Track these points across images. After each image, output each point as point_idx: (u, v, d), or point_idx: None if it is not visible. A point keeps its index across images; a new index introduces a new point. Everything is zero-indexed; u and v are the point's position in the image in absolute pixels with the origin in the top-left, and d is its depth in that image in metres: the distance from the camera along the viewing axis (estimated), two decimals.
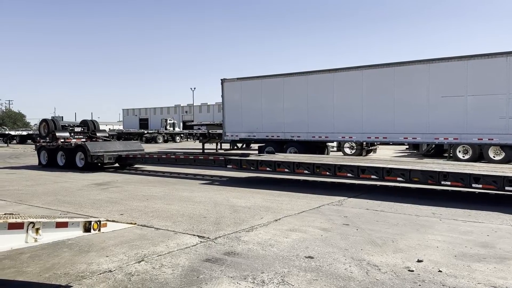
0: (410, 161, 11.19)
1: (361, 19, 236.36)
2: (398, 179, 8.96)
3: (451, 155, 17.22)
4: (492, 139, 13.58)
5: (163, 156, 14.24)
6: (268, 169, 10.86)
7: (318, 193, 9.46)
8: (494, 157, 15.85)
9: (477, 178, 8.03)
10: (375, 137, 15.89)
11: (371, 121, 15.69)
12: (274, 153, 14.18)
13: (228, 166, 11.79)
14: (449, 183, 8.32)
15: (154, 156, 14.72)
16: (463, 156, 16.83)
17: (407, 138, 15.22)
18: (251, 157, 11.70)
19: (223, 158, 12.17)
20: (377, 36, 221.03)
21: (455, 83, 14.02)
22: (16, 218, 3.33)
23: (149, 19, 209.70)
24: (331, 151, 20.02)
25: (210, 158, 12.96)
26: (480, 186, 8.02)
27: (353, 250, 5.12)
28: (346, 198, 8.88)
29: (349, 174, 9.60)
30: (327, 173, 9.93)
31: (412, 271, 4.36)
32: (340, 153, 20.04)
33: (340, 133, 16.59)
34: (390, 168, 9.06)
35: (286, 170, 10.57)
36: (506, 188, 7.69)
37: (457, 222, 6.59)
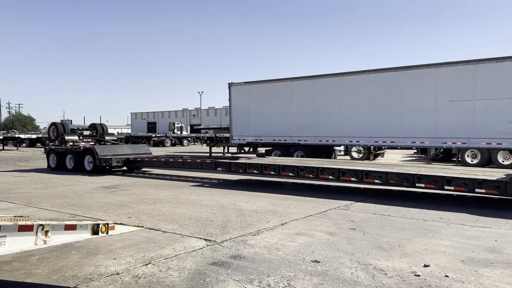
0: (395, 165, 11.48)
1: (369, 23, 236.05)
2: (376, 181, 9.34)
3: (459, 159, 17.09)
4: (501, 144, 13.48)
5: (170, 160, 14.31)
6: (255, 171, 11.30)
7: (325, 197, 9.46)
8: (503, 161, 15.71)
9: (449, 181, 8.37)
10: (383, 141, 15.85)
11: (379, 125, 15.64)
12: (264, 156, 14.46)
13: (218, 169, 12.19)
14: (423, 185, 8.70)
15: (162, 159, 14.79)
16: (472, 161, 16.70)
17: (414, 142, 15.16)
18: (240, 160, 12.03)
19: (219, 161, 12.44)
20: (385, 40, 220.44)
21: (463, 87, 13.95)
22: (26, 221, 3.39)
23: (158, 23, 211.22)
24: (339, 155, 19.97)
25: (207, 161, 13.14)
26: (452, 188, 8.36)
27: (359, 254, 5.11)
28: (353, 202, 8.87)
29: (330, 177, 10.02)
30: (310, 175, 10.34)
31: (419, 276, 4.35)
32: (348, 157, 19.99)
33: (347, 137, 16.57)
34: (368, 171, 9.44)
35: (272, 172, 10.97)
36: (476, 190, 8.06)
37: (464, 227, 6.55)
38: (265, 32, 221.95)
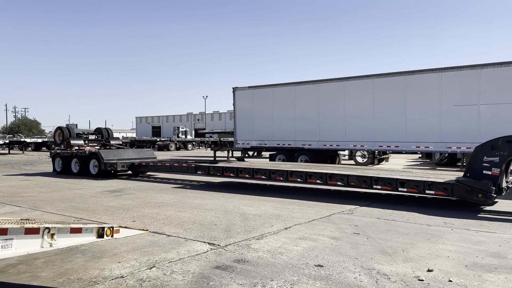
0: (365, 169, 12.19)
1: (373, 27, 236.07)
2: (338, 183, 10.00)
3: (464, 164, 17.02)
4: None
5: (175, 164, 14.37)
6: (231, 174, 11.97)
7: (329, 202, 9.46)
8: None
9: (402, 183, 9.00)
10: (387, 146, 15.83)
11: (383, 129, 15.64)
12: (243, 160, 14.89)
13: (198, 172, 12.94)
14: (379, 187, 9.36)
15: (166, 164, 14.86)
16: None
17: (419, 147, 15.13)
18: (218, 164, 12.74)
19: (199, 165, 13.16)
20: (389, 45, 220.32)
21: (467, 92, 13.93)
22: (32, 224, 3.44)
23: (163, 27, 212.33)
24: (343, 160, 19.96)
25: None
26: (405, 189, 8.97)
27: (363, 259, 5.12)
28: (357, 206, 8.87)
29: (299, 179, 10.66)
30: (281, 178, 10.98)
31: (422, 280, 4.35)
32: (352, 162, 19.97)
33: (352, 141, 16.56)
34: (332, 174, 10.10)
35: (247, 175, 11.62)
36: (426, 191, 8.66)
37: (469, 232, 6.54)
38: (269, 36, 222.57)
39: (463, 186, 8.26)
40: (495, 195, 8.08)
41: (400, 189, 9.01)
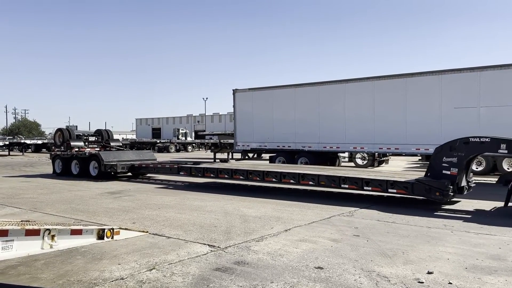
0: (341, 169, 12.88)
1: (373, 29, 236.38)
2: (310, 182, 10.50)
3: None
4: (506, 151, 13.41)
5: (175, 166, 14.36)
6: (212, 175, 12.49)
7: (329, 204, 9.46)
8: (508, 168, 15.65)
9: (367, 182, 9.52)
10: (387, 148, 15.83)
11: (383, 132, 15.64)
12: (227, 162, 15.25)
13: (180, 173, 13.44)
14: (347, 186, 9.85)
15: (166, 166, 14.85)
16: (477, 168, 16.64)
17: (419, 149, 15.13)
18: (200, 165, 13.18)
19: (181, 166, 13.69)
20: (389, 47, 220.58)
21: (467, 94, 13.94)
22: (32, 225, 3.44)
23: (163, 29, 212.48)
24: (343, 162, 19.97)
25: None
26: (370, 188, 9.50)
27: (363, 261, 5.12)
28: (357, 209, 8.87)
29: (274, 179, 11.17)
30: (257, 178, 11.49)
31: (422, 282, 4.35)
32: (352, 164, 19.97)
33: (352, 143, 16.56)
34: (304, 174, 10.61)
35: (226, 176, 12.16)
36: (389, 190, 9.20)
37: (469, 234, 6.54)
38: (270, 38, 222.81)
39: (422, 185, 8.77)
40: (452, 194, 8.58)
41: (365, 187, 9.54)
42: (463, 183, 8.99)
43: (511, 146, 8.31)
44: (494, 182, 13.47)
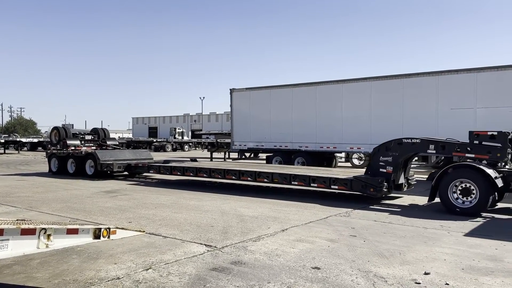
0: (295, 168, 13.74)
1: (371, 30, 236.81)
2: (265, 180, 11.22)
3: None
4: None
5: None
6: (178, 173, 13.21)
7: (326, 204, 9.46)
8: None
9: (313, 179, 10.21)
10: None
11: (380, 132, 15.63)
12: (196, 161, 15.78)
13: (150, 171, 14.37)
14: (296, 183, 10.58)
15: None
16: None
17: None
18: (168, 164, 13.99)
19: (150, 164, 14.63)
20: (387, 47, 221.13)
21: (464, 95, 13.98)
22: (28, 224, 3.41)
23: (159, 28, 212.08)
24: (340, 162, 19.99)
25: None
26: (316, 185, 10.22)
27: (360, 261, 5.12)
28: (353, 209, 8.87)
29: (233, 177, 11.80)
30: (219, 176, 12.19)
31: (419, 283, 4.35)
32: (348, 164, 20.00)
33: (348, 144, 16.58)
34: (259, 172, 11.32)
35: (191, 174, 12.92)
36: (332, 186, 9.92)
37: (465, 235, 6.55)
38: (267, 38, 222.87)
39: (359, 181, 9.53)
40: (386, 190, 9.34)
41: (312, 184, 10.28)
42: (401, 180, 9.72)
43: (438, 146, 9.10)
44: None
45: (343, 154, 20.59)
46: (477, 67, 13.92)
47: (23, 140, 45.75)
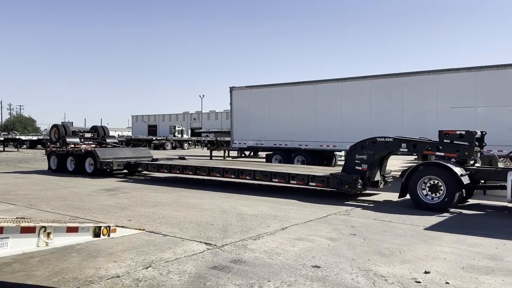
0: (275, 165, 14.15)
1: (371, 28, 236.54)
2: (247, 177, 11.61)
3: None
4: (502, 151, 13.47)
5: (168, 163, 14.61)
6: (165, 171, 13.78)
7: (325, 203, 9.46)
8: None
9: (293, 176, 10.64)
10: None
11: (380, 130, 15.56)
12: (184, 159, 16.17)
13: (138, 169, 14.92)
14: (277, 180, 11.00)
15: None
16: None
17: None
18: (156, 162, 14.62)
19: (139, 162, 15.06)
20: (387, 46, 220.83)
21: (464, 94, 13.97)
22: (28, 222, 3.40)
23: (159, 26, 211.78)
24: (339, 160, 19.96)
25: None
26: (295, 182, 10.64)
27: (360, 260, 5.11)
28: (353, 208, 8.87)
29: (217, 175, 12.30)
30: (204, 173, 12.63)
31: (419, 282, 4.35)
32: None
33: (348, 142, 16.45)
34: (242, 169, 11.74)
35: (177, 171, 13.39)
36: (310, 183, 10.30)
37: (465, 234, 6.54)
38: (267, 36, 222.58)
39: (335, 178, 9.89)
40: (360, 186, 9.69)
41: (291, 181, 10.69)
42: (377, 178, 10.11)
43: (409, 145, 9.42)
44: None
45: (343, 153, 20.55)
46: (477, 66, 13.91)
47: (23, 138, 45.65)
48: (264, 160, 19.15)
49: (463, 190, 8.65)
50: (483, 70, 13.72)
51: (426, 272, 4.65)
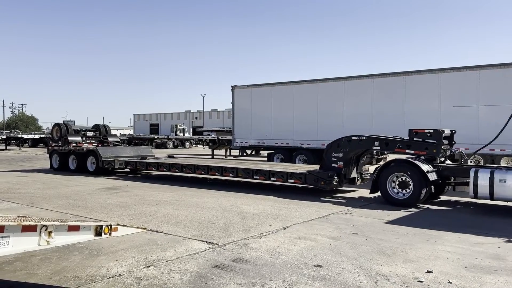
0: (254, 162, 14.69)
1: (373, 27, 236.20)
2: (230, 175, 11.94)
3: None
4: (504, 150, 13.41)
5: (171, 162, 14.51)
6: (153, 169, 14.18)
7: (327, 202, 9.44)
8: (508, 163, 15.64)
9: (273, 173, 10.91)
10: None
11: (381, 129, 15.53)
12: (173, 157, 16.56)
13: (128, 167, 15.15)
14: (258, 177, 11.25)
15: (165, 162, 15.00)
16: None
17: None
18: (144, 160, 14.92)
19: (128, 161, 15.26)
20: (389, 45, 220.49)
21: (467, 93, 13.91)
22: (29, 221, 3.39)
23: (161, 26, 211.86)
24: None
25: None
26: (275, 179, 10.91)
27: (362, 259, 5.10)
28: (356, 207, 8.85)
29: (202, 172, 12.54)
30: (189, 171, 12.93)
31: (422, 281, 4.33)
32: None
33: None
34: (225, 167, 12.03)
35: (164, 169, 13.79)
36: (289, 180, 10.62)
37: (468, 233, 6.52)
38: (268, 35, 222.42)
39: (312, 175, 10.23)
40: (335, 183, 10.02)
41: (271, 178, 10.95)
42: (353, 175, 10.48)
43: (382, 143, 9.79)
44: None
45: None
46: (479, 64, 13.84)
47: (25, 136, 45.70)
48: (266, 159, 19.13)
49: (431, 186, 8.87)
50: (486, 69, 13.65)
51: (428, 272, 4.63)
